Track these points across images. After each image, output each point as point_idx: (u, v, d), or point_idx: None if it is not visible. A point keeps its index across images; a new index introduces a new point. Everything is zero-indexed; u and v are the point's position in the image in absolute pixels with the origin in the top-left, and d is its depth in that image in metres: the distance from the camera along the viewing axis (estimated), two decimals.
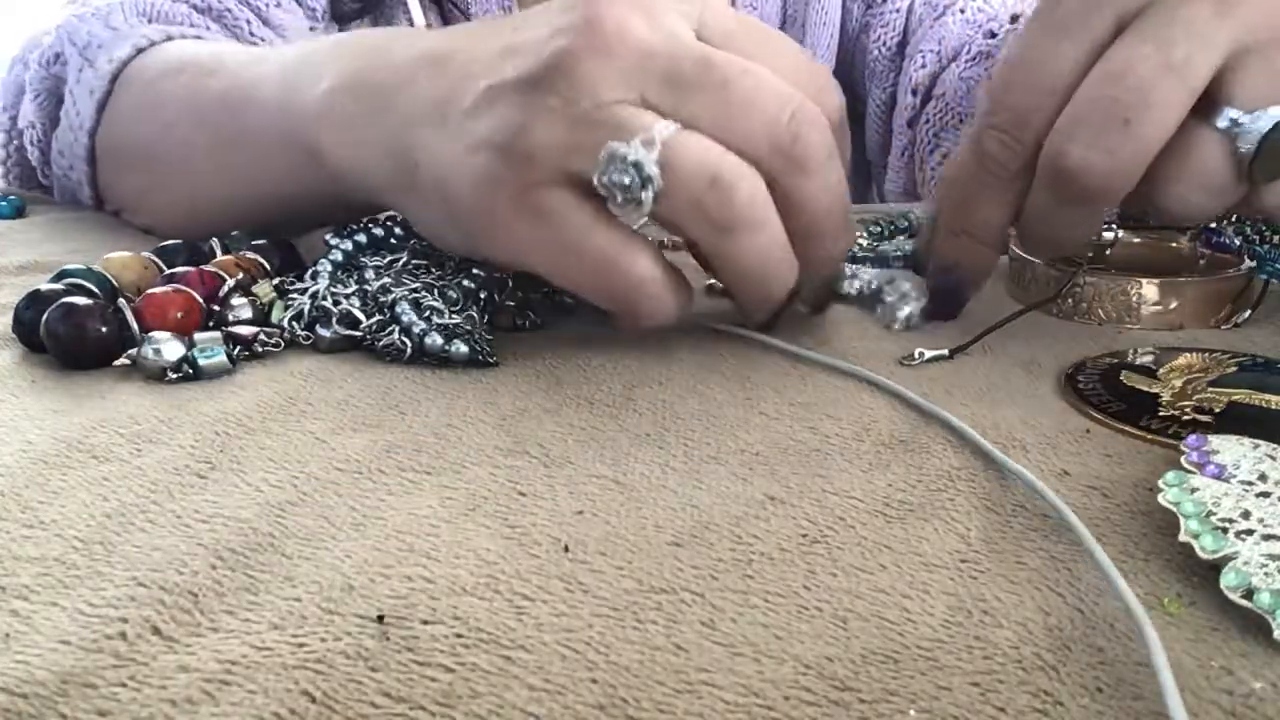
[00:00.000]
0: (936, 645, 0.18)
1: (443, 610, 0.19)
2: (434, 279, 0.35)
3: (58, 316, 0.33)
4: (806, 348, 0.34)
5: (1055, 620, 0.19)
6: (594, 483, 0.25)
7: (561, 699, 0.17)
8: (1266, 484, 0.22)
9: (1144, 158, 0.30)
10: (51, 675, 0.18)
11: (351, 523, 0.23)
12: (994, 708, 0.17)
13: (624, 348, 0.35)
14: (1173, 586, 0.20)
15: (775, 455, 0.26)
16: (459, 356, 0.32)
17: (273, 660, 0.18)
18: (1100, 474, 0.25)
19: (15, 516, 0.23)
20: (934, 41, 0.65)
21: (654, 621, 0.19)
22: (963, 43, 0.64)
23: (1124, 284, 0.36)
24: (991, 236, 0.35)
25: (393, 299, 0.34)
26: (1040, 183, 0.32)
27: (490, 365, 0.33)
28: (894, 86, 0.69)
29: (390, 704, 0.17)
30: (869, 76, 0.70)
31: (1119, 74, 0.30)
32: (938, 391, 0.30)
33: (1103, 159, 0.30)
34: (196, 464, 0.26)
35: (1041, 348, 0.34)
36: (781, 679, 0.18)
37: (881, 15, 0.69)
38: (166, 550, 0.22)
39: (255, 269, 0.38)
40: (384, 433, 0.28)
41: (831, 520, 0.23)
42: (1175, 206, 0.31)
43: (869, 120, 0.71)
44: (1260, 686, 0.17)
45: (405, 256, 0.37)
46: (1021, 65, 0.32)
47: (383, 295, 0.34)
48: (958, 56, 0.64)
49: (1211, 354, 0.32)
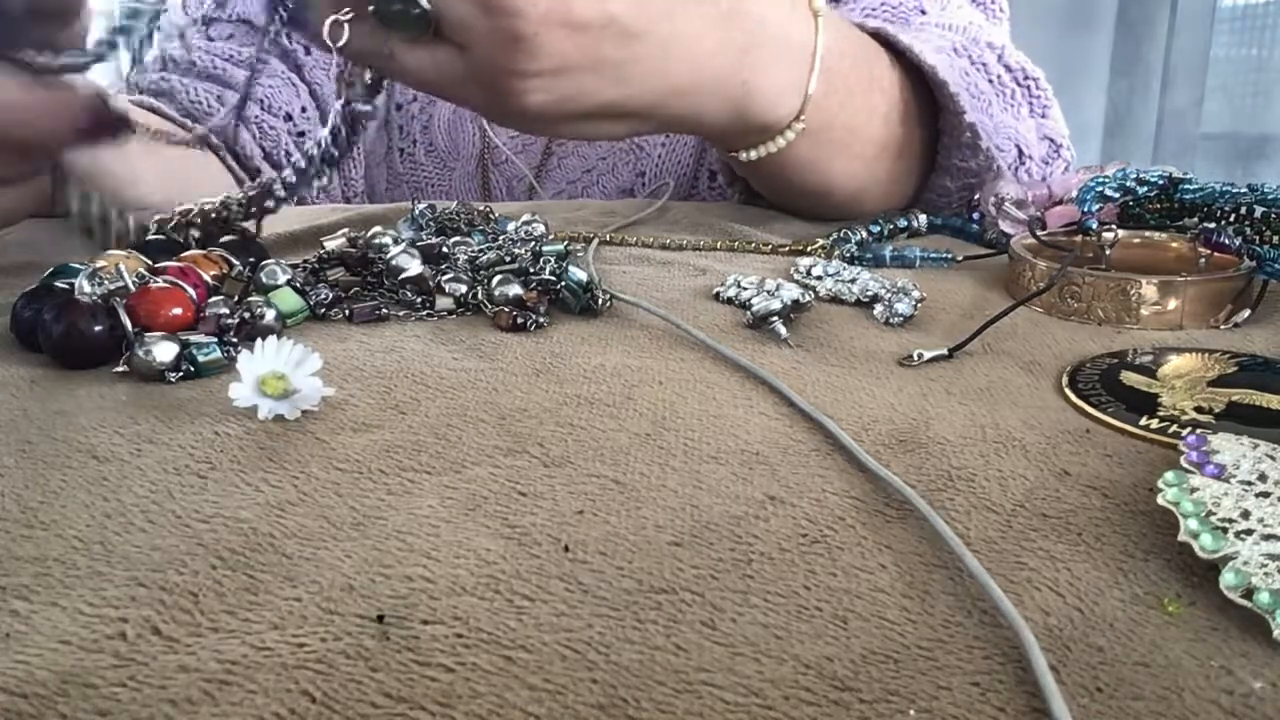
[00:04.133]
0: (936, 645, 0.18)
1: (443, 610, 0.19)
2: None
3: (53, 316, 0.33)
4: (797, 347, 0.34)
5: (1055, 620, 0.19)
6: (594, 483, 0.25)
7: (561, 699, 0.17)
8: (1266, 484, 0.22)
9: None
10: (51, 675, 0.18)
11: (351, 523, 0.23)
12: (994, 708, 0.17)
13: (624, 348, 0.35)
14: (1173, 586, 0.20)
15: (775, 455, 0.26)
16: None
17: (273, 660, 0.18)
18: (1100, 474, 0.25)
19: (15, 516, 0.23)
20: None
21: (654, 621, 0.19)
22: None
23: (1124, 284, 0.37)
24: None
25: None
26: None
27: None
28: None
29: (390, 704, 0.17)
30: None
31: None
32: (937, 391, 0.30)
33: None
34: (196, 464, 0.26)
35: (1041, 348, 0.34)
36: (781, 679, 0.18)
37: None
38: (166, 550, 0.22)
39: (224, 265, 0.39)
40: (384, 433, 0.28)
41: (831, 520, 0.23)
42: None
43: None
44: (1260, 686, 0.17)
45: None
46: None
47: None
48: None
49: (1211, 354, 0.32)
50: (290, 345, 0.29)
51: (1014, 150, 0.58)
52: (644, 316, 0.38)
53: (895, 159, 0.55)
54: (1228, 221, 0.41)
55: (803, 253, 0.48)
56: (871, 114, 0.52)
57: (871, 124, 0.52)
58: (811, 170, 0.52)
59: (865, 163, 0.53)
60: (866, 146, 0.53)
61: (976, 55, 0.58)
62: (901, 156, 0.56)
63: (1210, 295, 0.37)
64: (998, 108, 0.57)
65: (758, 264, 0.47)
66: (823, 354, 0.34)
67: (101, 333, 0.33)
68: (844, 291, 0.40)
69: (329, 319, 0.39)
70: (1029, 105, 0.60)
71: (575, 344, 0.35)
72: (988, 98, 0.57)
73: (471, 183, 0.74)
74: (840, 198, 0.55)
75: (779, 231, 0.53)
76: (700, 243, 0.51)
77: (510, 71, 0.35)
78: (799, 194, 0.55)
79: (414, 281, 0.40)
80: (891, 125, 0.54)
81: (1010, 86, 0.59)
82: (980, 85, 0.56)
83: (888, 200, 0.57)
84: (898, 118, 0.54)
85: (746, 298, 0.39)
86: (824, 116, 0.48)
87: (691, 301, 0.41)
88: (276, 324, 0.35)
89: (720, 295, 0.41)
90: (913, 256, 0.46)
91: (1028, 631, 0.18)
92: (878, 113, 0.52)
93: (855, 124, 0.51)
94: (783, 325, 0.36)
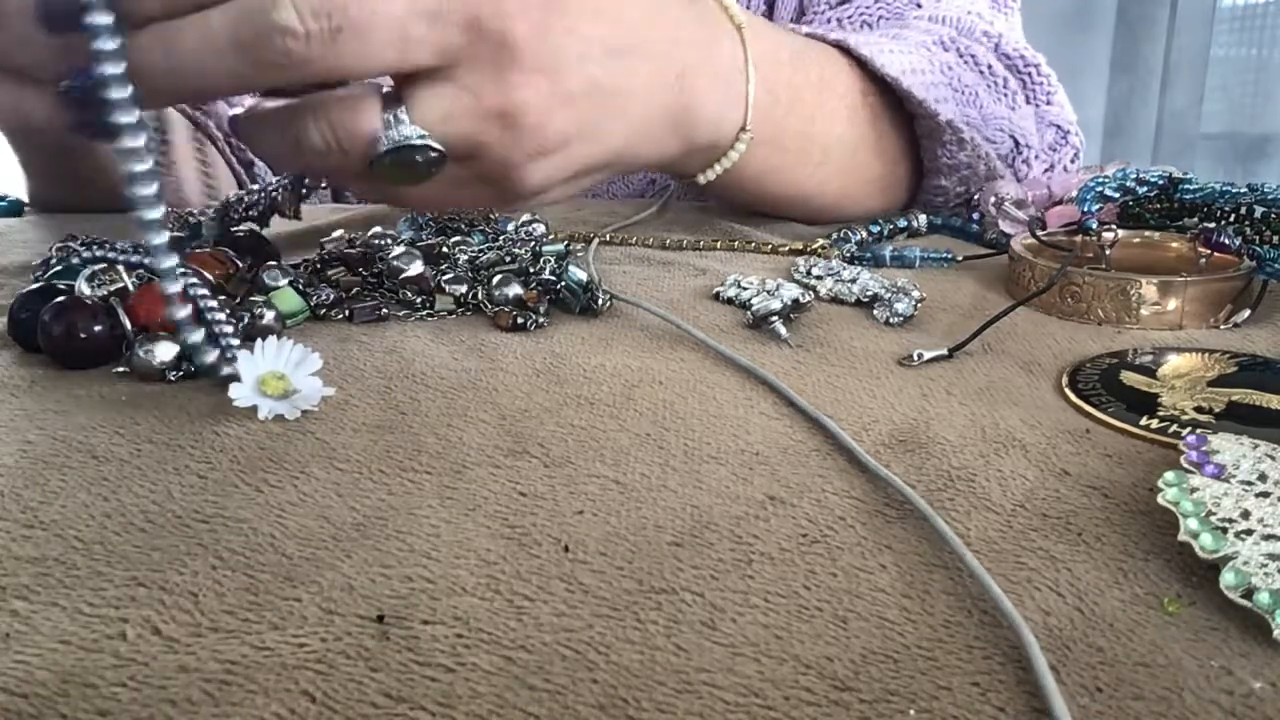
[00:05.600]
0: (936, 645, 0.18)
1: (443, 610, 0.19)
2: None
3: (51, 316, 0.33)
4: (797, 347, 0.34)
5: (1055, 620, 0.19)
6: (594, 483, 0.25)
7: (561, 699, 0.17)
8: (1266, 484, 0.22)
9: (338, 55, 0.30)
10: (51, 675, 0.18)
11: (351, 523, 0.23)
12: (994, 708, 0.17)
13: (624, 348, 0.35)
14: (1173, 586, 0.20)
15: (775, 455, 0.26)
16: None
17: (273, 660, 0.18)
18: (1100, 474, 0.25)
19: (15, 516, 0.23)
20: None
21: (654, 621, 0.19)
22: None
23: (1124, 284, 0.37)
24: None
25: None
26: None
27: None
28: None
29: (390, 704, 0.17)
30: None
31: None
32: (937, 391, 0.30)
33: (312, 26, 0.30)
34: (197, 464, 0.26)
35: (1041, 348, 0.34)
36: (781, 679, 0.18)
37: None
38: (166, 550, 0.22)
39: (228, 264, 0.38)
40: (384, 433, 0.28)
41: (832, 520, 0.23)
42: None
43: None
44: (1260, 686, 0.17)
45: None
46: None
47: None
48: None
49: (1211, 354, 0.32)
50: (290, 345, 0.29)
51: (1008, 141, 0.57)
52: (644, 316, 0.38)
53: (872, 160, 0.54)
54: (1228, 221, 0.41)
55: (803, 253, 0.48)
56: (830, 117, 0.51)
57: (831, 127, 0.52)
58: (775, 180, 0.51)
59: (837, 166, 0.53)
60: (832, 151, 0.52)
61: (965, 47, 0.58)
62: (880, 158, 0.55)
63: (1210, 295, 0.37)
64: (988, 99, 0.56)
65: (758, 264, 0.47)
66: (823, 354, 0.34)
67: (101, 333, 0.33)
68: (844, 291, 0.41)
69: (329, 319, 0.39)
70: (1027, 94, 0.60)
71: (575, 344, 0.35)
72: (974, 90, 0.56)
73: None
74: (820, 203, 0.54)
75: (779, 231, 0.53)
76: (700, 243, 0.51)
77: (519, 163, 0.36)
78: (775, 204, 0.55)
79: (414, 281, 0.40)
80: (858, 126, 0.53)
81: (1003, 76, 0.58)
82: (965, 78, 0.55)
83: (881, 201, 0.57)
84: (864, 119, 0.53)
85: (746, 298, 0.39)
86: (772, 124, 0.48)
87: (691, 301, 0.41)
88: (276, 324, 0.35)
89: (720, 295, 0.41)
90: (913, 256, 0.46)
91: (1028, 631, 0.18)
92: (837, 116, 0.52)
93: (810, 130, 0.50)
94: (783, 325, 0.36)
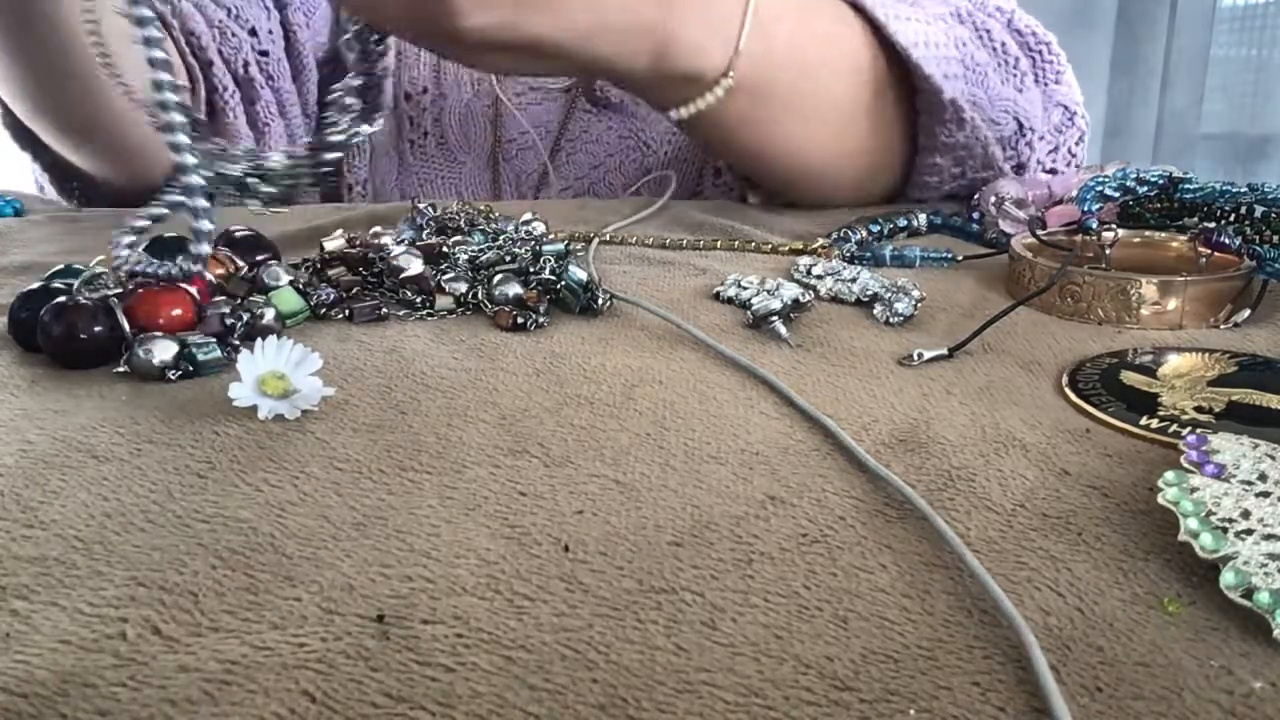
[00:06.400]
0: (936, 645, 0.18)
1: (443, 610, 0.19)
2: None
3: (51, 317, 0.33)
4: (797, 347, 0.34)
5: (1055, 620, 0.19)
6: (594, 483, 0.25)
7: (561, 699, 0.17)
8: (1266, 484, 0.22)
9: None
10: (51, 675, 0.18)
11: (351, 523, 0.23)
12: (994, 708, 0.17)
13: (624, 347, 0.35)
14: (1173, 586, 0.20)
15: (775, 455, 0.26)
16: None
17: (273, 660, 0.18)
18: (1100, 474, 0.25)
19: (15, 516, 0.23)
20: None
21: (654, 621, 0.19)
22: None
23: (1124, 283, 0.37)
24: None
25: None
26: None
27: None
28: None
29: (390, 704, 0.17)
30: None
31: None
32: (937, 391, 0.30)
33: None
34: (196, 464, 0.26)
35: (1041, 348, 0.34)
36: (781, 679, 0.18)
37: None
38: (166, 550, 0.22)
39: (229, 265, 0.39)
40: (384, 433, 0.28)
41: (832, 520, 0.23)
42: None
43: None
44: (1260, 686, 0.17)
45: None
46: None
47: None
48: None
49: (1211, 354, 0.32)
50: (290, 345, 0.29)
51: (1012, 123, 0.56)
52: (644, 316, 0.38)
53: (869, 127, 0.53)
54: (1228, 221, 0.41)
55: (803, 252, 0.48)
56: (832, 75, 0.50)
57: (832, 86, 0.50)
58: (757, 132, 0.50)
59: (831, 130, 0.51)
60: (828, 111, 0.51)
61: (980, 21, 0.57)
62: (876, 126, 0.53)
63: (1210, 295, 0.37)
64: (996, 79, 0.56)
65: (758, 264, 0.47)
66: (823, 354, 0.34)
67: (101, 333, 0.33)
68: (844, 291, 0.41)
69: (329, 319, 0.39)
70: (1036, 73, 0.59)
71: (575, 344, 0.35)
72: (984, 70, 0.55)
73: (481, 177, 0.74)
74: (802, 166, 0.53)
75: (779, 231, 0.53)
76: (700, 242, 0.51)
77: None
78: (756, 160, 0.53)
79: (414, 281, 0.40)
80: (859, 89, 0.51)
81: (1015, 55, 0.57)
82: (977, 56, 0.55)
83: (871, 175, 0.55)
84: (865, 81, 0.52)
85: (746, 297, 0.39)
86: (762, 74, 0.47)
87: (691, 301, 0.41)
88: (276, 324, 0.35)
89: (720, 295, 0.41)
90: (913, 256, 0.46)
91: (1028, 631, 0.18)
92: (838, 75, 0.50)
93: (804, 86, 0.49)
94: (783, 325, 0.36)
